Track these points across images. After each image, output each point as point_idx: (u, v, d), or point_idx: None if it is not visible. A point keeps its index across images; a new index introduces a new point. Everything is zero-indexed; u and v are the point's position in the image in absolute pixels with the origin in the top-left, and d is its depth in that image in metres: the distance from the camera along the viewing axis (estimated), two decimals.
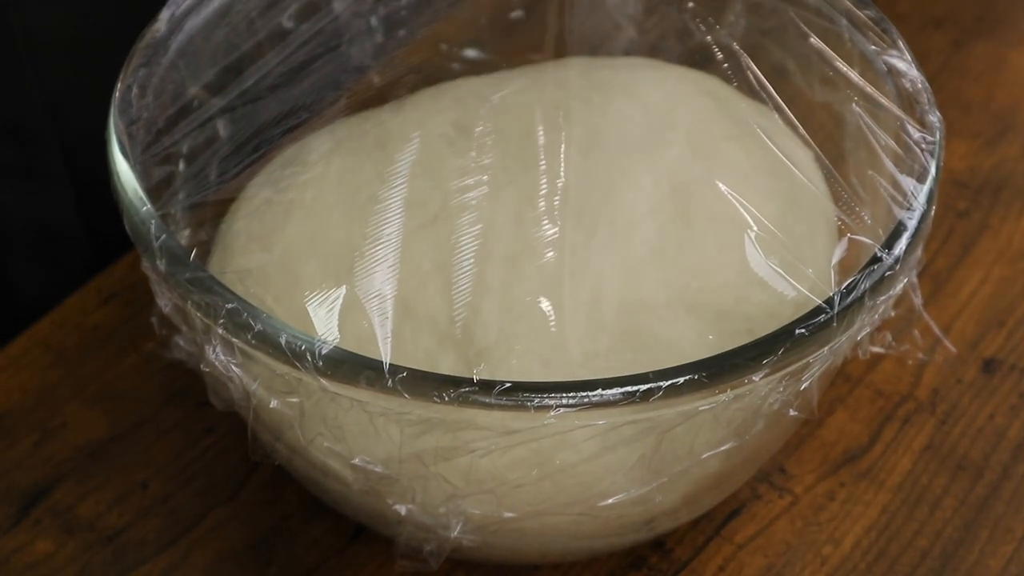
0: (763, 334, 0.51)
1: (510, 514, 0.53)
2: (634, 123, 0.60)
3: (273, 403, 0.53)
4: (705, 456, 0.54)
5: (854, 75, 0.60)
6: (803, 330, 0.50)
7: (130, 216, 0.54)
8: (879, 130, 0.58)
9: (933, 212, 0.55)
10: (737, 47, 0.63)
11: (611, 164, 0.58)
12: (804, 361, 0.51)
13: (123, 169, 0.55)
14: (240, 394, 0.53)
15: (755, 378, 0.50)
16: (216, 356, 0.52)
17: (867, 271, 0.52)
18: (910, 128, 0.57)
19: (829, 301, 0.51)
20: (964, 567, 0.60)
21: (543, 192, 0.57)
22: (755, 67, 0.62)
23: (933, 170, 0.56)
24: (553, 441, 0.51)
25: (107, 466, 0.63)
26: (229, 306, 0.50)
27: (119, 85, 0.57)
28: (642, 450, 0.53)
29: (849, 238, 0.57)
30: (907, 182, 0.56)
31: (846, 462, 0.64)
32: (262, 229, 0.58)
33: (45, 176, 0.64)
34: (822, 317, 0.51)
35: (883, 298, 0.52)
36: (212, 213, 0.61)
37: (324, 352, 0.49)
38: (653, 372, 0.49)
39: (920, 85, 0.59)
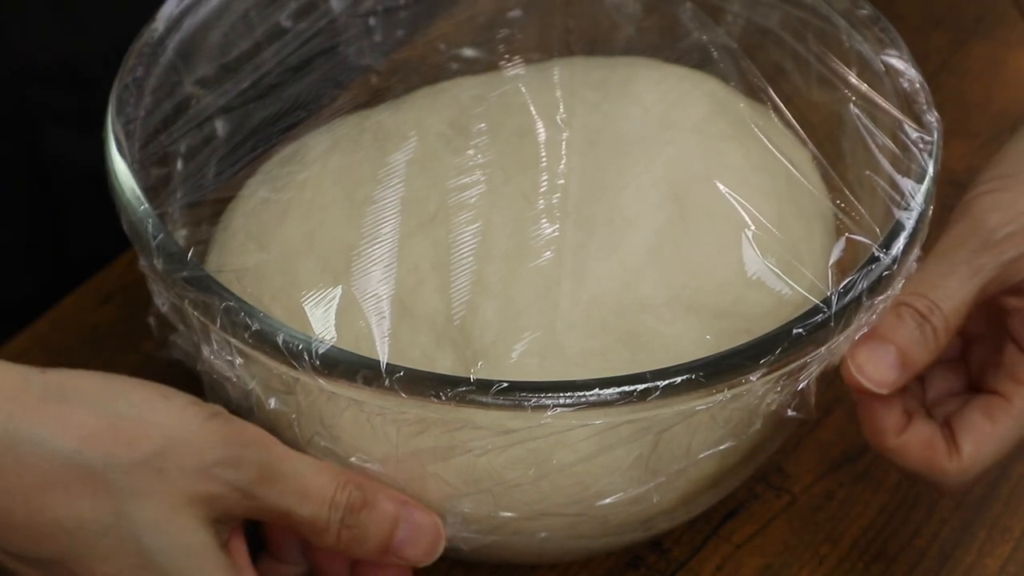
0: (761, 334, 0.51)
1: (507, 514, 0.53)
2: (632, 123, 0.60)
3: (271, 403, 0.53)
4: (703, 456, 0.54)
5: (852, 75, 0.60)
6: (801, 330, 0.50)
7: (128, 215, 0.54)
8: (877, 130, 0.58)
9: (931, 212, 0.55)
10: (735, 47, 0.63)
11: (609, 164, 0.58)
12: (802, 361, 0.51)
13: (120, 168, 0.55)
14: (238, 393, 0.53)
15: (752, 378, 0.50)
16: (213, 355, 0.52)
17: (865, 271, 0.52)
18: (908, 128, 0.57)
19: (827, 301, 0.51)
20: (962, 567, 0.60)
21: (541, 191, 0.57)
22: (753, 67, 0.62)
23: (931, 170, 0.56)
24: (550, 441, 0.51)
25: None
26: (226, 305, 0.50)
27: (116, 84, 0.57)
28: (639, 450, 0.53)
29: (847, 238, 0.57)
30: (905, 182, 0.56)
31: (844, 462, 0.64)
32: (259, 228, 0.58)
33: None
34: (820, 317, 0.51)
35: (881, 298, 0.52)
36: (210, 212, 0.61)
37: (321, 351, 0.49)
38: (651, 372, 0.49)
39: (918, 85, 0.59)
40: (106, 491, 0.48)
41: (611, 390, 0.48)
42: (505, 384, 0.48)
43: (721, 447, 0.54)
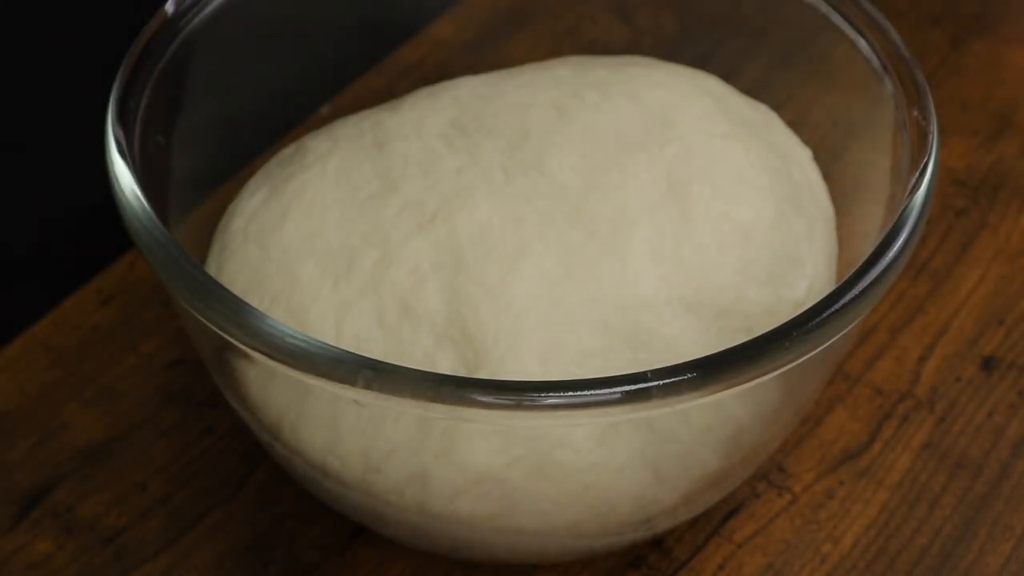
0: (762, 332, 0.51)
1: (507, 513, 0.53)
2: (632, 122, 0.60)
3: (271, 403, 0.53)
4: (704, 454, 0.54)
5: (851, 73, 0.60)
6: (801, 328, 0.50)
7: (128, 216, 0.54)
8: (876, 129, 0.59)
9: (931, 210, 0.55)
10: (735, 45, 0.63)
11: (609, 163, 0.58)
12: (802, 359, 0.51)
13: (120, 169, 0.55)
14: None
15: (753, 377, 0.50)
16: None
17: (864, 269, 0.52)
18: (907, 127, 0.57)
19: (827, 299, 0.51)
20: (963, 565, 0.60)
21: (541, 191, 0.57)
22: (753, 66, 0.62)
23: (930, 169, 0.56)
24: (551, 440, 0.51)
25: (106, 467, 0.63)
26: (227, 307, 0.50)
27: (116, 84, 0.57)
28: (641, 449, 0.53)
29: (846, 236, 0.57)
30: (904, 180, 0.56)
31: (845, 460, 0.64)
32: (260, 229, 0.58)
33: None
34: (820, 315, 0.51)
35: (880, 295, 0.52)
36: (210, 213, 0.61)
37: (322, 352, 0.49)
38: (651, 371, 0.49)
39: (918, 83, 0.59)
40: None
41: (612, 389, 0.48)
42: (506, 383, 0.48)
43: (723, 445, 0.54)
